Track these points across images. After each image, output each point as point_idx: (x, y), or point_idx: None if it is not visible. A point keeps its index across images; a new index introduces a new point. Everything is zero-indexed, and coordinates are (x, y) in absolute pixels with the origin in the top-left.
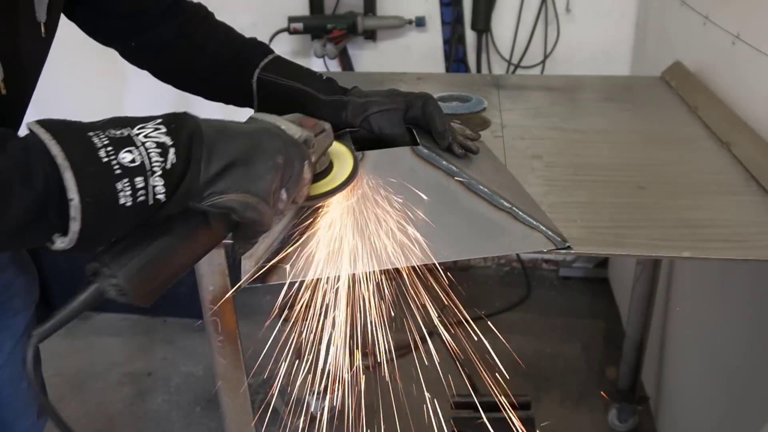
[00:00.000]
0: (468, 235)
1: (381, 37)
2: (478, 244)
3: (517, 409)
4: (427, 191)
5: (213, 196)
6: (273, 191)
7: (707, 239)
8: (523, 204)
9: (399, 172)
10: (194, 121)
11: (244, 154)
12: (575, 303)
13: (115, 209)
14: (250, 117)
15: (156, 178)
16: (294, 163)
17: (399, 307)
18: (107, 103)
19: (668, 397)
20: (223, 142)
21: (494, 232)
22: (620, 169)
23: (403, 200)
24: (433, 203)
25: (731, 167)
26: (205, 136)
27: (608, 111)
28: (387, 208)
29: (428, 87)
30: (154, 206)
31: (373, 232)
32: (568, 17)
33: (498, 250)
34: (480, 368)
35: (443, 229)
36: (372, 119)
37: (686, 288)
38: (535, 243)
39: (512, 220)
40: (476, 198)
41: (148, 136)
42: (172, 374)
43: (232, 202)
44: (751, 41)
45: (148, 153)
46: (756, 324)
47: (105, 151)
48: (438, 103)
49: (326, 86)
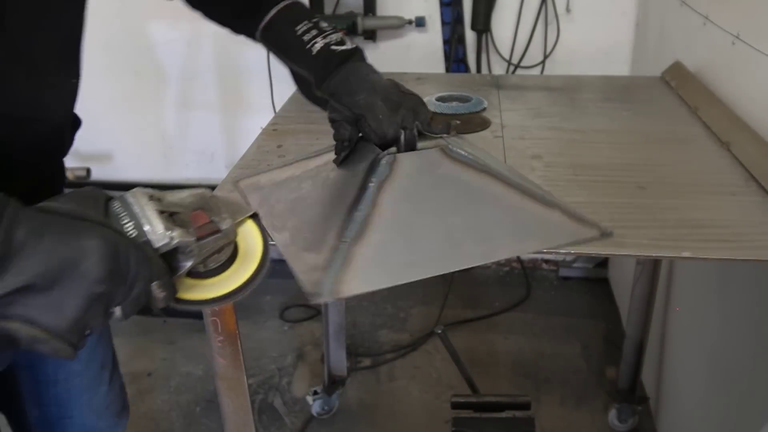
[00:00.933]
0: (522, 232)
1: (381, 37)
2: (533, 239)
3: (516, 409)
4: (468, 191)
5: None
6: (81, 323)
7: (707, 239)
8: (557, 199)
9: (436, 173)
10: (6, 221)
11: (49, 275)
12: (575, 303)
13: None
14: (122, 195)
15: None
16: (134, 284)
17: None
18: None
19: (668, 397)
20: (28, 254)
21: (546, 226)
22: (620, 169)
23: (450, 201)
24: (478, 202)
25: (731, 167)
26: (12, 241)
27: (608, 111)
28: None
29: (428, 87)
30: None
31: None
32: (568, 17)
33: (550, 244)
34: (480, 368)
35: (496, 227)
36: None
37: (686, 288)
38: (584, 233)
39: (561, 214)
40: (521, 194)
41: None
42: (172, 374)
43: (15, 332)
44: (751, 41)
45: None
46: (756, 324)
47: None
48: (374, 119)
49: (314, 65)
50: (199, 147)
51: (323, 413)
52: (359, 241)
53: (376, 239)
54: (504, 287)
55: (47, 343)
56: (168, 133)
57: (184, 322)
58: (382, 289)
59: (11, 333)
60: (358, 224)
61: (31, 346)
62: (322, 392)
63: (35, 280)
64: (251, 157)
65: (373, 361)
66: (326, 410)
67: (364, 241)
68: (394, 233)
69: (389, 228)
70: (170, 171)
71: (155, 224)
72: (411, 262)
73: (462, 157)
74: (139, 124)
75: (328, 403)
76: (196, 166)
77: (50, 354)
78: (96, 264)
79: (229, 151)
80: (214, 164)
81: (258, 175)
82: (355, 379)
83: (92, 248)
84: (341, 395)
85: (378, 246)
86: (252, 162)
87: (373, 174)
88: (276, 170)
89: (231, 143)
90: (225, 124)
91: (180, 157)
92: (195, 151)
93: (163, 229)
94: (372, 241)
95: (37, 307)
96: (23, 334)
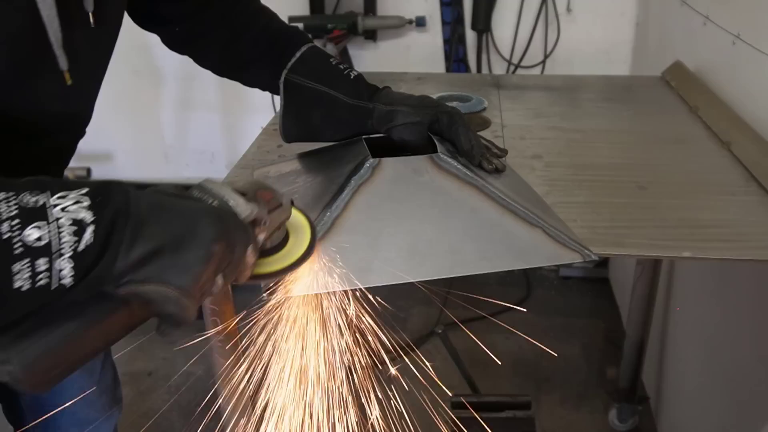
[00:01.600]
0: (495, 248)
1: (381, 37)
2: (505, 257)
3: (516, 409)
4: (447, 202)
5: (130, 284)
6: (202, 283)
7: (707, 239)
8: (550, 219)
9: (418, 180)
10: (123, 197)
11: (174, 239)
12: (575, 303)
13: (9, 293)
14: (199, 184)
15: (64, 260)
16: (235, 248)
17: None
18: None
19: (668, 396)
20: (152, 223)
21: (523, 245)
22: (620, 169)
23: (425, 210)
24: (454, 214)
25: (731, 167)
26: (132, 215)
27: (608, 111)
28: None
29: (428, 87)
30: (58, 290)
31: None
32: (568, 17)
33: (524, 264)
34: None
35: (469, 242)
36: (395, 131)
37: (686, 288)
38: (563, 257)
39: (543, 234)
40: (502, 210)
41: (66, 209)
42: (172, 374)
43: (150, 293)
44: (752, 41)
45: (60, 231)
46: (756, 324)
47: (9, 224)
48: (465, 120)
49: (353, 88)
50: (199, 147)
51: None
52: (321, 241)
53: (337, 241)
54: (504, 287)
55: (178, 302)
56: (168, 133)
57: None
58: (382, 288)
59: (146, 295)
60: (327, 225)
61: (162, 306)
62: None
63: (164, 244)
64: (251, 157)
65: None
66: None
67: (326, 242)
68: (358, 236)
69: (354, 231)
70: (170, 171)
71: (237, 199)
72: (367, 268)
73: (450, 167)
74: (140, 124)
75: None
76: (196, 166)
77: (178, 313)
78: (209, 226)
79: (229, 151)
80: (215, 164)
81: (270, 166)
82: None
83: (203, 213)
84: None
85: (338, 248)
86: (252, 162)
87: (353, 176)
88: (287, 162)
89: (231, 143)
90: (225, 124)
91: (180, 157)
92: (195, 151)
93: (244, 202)
94: (333, 243)
95: (168, 268)
96: (157, 295)
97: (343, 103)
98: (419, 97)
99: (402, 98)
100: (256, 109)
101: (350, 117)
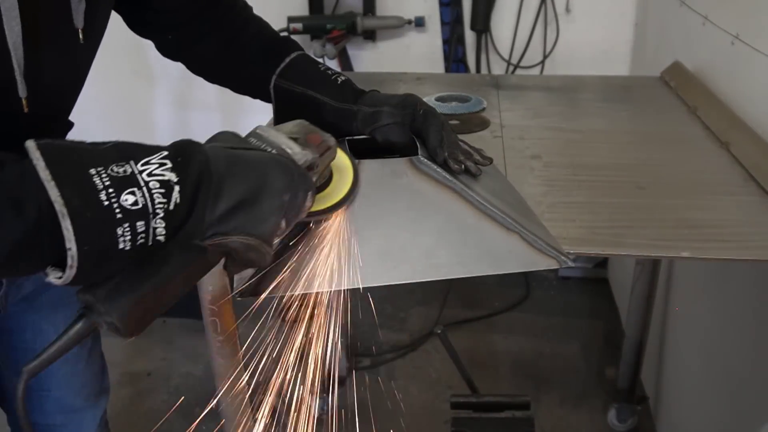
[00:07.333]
0: (470, 253)
1: (380, 37)
2: (480, 262)
3: (516, 409)
4: (423, 205)
5: (215, 236)
6: (276, 230)
7: (706, 239)
8: (529, 224)
9: (396, 183)
10: (203, 156)
11: (251, 193)
12: (574, 303)
13: (114, 253)
14: (254, 131)
15: (158, 220)
16: (298, 194)
17: None
18: None
19: (667, 396)
20: (231, 180)
21: (498, 251)
22: (619, 169)
23: (400, 213)
24: (430, 218)
25: (730, 167)
26: (213, 173)
27: (607, 111)
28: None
29: (428, 87)
30: (153, 246)
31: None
32: (567, 17)
33: (498, 269)
34: (480, 368)
35: (444, 246)
36: (378, 132)
37: (686, 288)
38: (539, 263)
39: (519, 240)
40: (479, 215)
41: (152, 174)
42: (172, 374)
43: (234, 244)
44: (751, 41)
45: (152, 194)
46: (756, 324)
47: (106, 193)
48: (441, 118)
49: (340, 92)
50: None
51: (322, 413)
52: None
53: (306, 242)
54: (504, 287)
55: (259, 249)
56: (168, 133)
57: (184, 322)
58: (382, 288)
59: (231, 246)
60: (298, 226)
61: (244, 254)
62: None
63: (243, 198)
64: None
65: (372, 361)
66: (325, 410)
67: (296, 243)
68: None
69: None
70: None
71: (293, 146)
72: (337, 271)
73: (429, 170)
74: (139, 124)
75: (327, 403)
76: None
77: (258, 259)
78: (279, 177)
79: None
80: None
81: None
82: (355, 379)
83: (271, 165)
84: (341, 395)
85: (308, 249)
86: None
87: None
88: None
89: None
90: (225, 124)
91: None
92: None
93: (299, 149)
94: (302, 244)
95: (249, 220)
96: (240, 245)
97: (330, 107)
98: (402, 97)
99: (385, 99)
100: (254, 109)
101: (336, 120)
